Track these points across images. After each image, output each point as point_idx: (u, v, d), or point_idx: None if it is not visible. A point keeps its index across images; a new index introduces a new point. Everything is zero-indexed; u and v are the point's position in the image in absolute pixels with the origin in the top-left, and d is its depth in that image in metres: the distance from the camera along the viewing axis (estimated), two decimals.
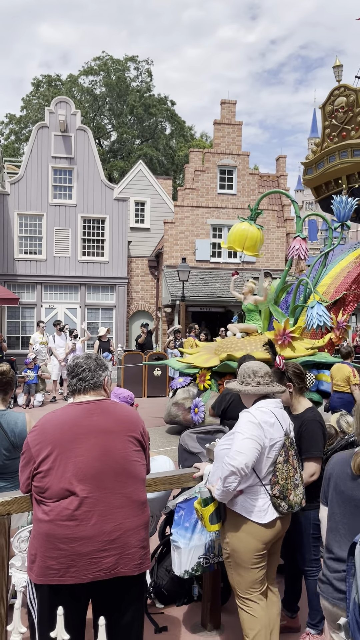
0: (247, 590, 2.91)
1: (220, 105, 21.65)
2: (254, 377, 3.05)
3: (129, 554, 2.42)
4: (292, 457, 2.91)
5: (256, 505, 2.84)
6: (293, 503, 2.88)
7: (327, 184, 11.39)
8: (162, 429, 10.36)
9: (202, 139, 42.29)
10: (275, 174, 25.28)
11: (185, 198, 21.23)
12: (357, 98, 10.20)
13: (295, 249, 8.19)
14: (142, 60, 38.90)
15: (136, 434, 2.60)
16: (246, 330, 8.25)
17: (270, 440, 2.86)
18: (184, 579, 3.95)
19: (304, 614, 3.62)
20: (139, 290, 23.42)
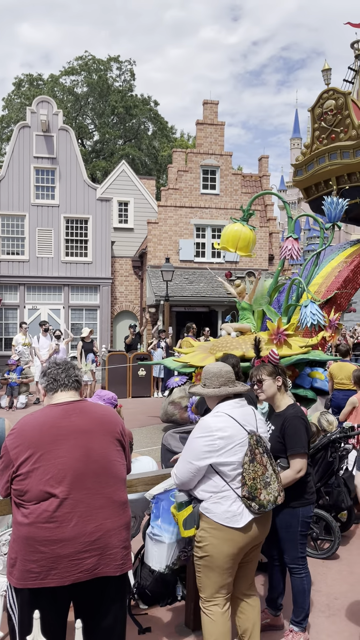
0: (212, 595, 2.87)
1: (203, 105, 21.67)
2: (215, 379, 3.03)
3: (111, 555, 2.40)
4: (260, 454, 2.84)
5: (230, 511, 2.80)
6: (265, 502, 2.81)
7: (317, 185, 11.50)
8: (159, 427, 10.38)
9: (184, 139, 42.31)
10: (258, 174, 25.39)
11: (168, 198, 21.22)
12: (345, 101, 10.34)
13: (287, 250, 8.25)
14: (124, 61, 38.79)
15: (116, 434, 2.59)
16: (240, 329, 8.32)
17: (226, 444, 2.80)
18: (168, 579, 3.95)
19: (287, 612, 3.64)
20: (122, 290, 23.35)
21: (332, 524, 4.69)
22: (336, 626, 3.63)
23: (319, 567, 4.48)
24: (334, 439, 4.95)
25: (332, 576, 4.35)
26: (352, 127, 10.23)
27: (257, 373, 3.51)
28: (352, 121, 10.21)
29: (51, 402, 2.57)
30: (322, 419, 5.54)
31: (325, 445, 4.91)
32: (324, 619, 3.72)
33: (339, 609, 3.85)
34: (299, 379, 7.48)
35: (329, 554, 4.65)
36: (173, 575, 3.98)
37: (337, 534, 4.66)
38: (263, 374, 3.49)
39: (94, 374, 13.71)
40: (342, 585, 4.19)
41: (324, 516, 4.71)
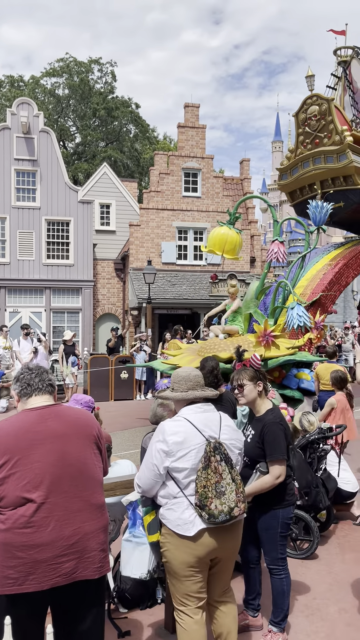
0: (181, 602, 2.83)
1: (184, 108, 21.73)
2: (182, 383, 3.01)
3: (89, 558, 2.40)
4: (217, 462, 2.73)
5: (181, 518, 2.74)
6: (216, 512, 2.67)
7: (302, 189, 11.69)
8: (141, 430, 10.36)
9: (166, 142, 42.36)
10: (240, 177, 25.53)
11: (150, 201, 21.23)
12: (329, 107, 10.54)
13: (274, 253, 8.39)
14: (105, 63, 38.72)
15: (92, 437, 2.59)
16: (229, 331, 8.41)
17: (179, 449, 2.75)
18: (148, 582, 3.95)
19: (266, 613, 3.66)
20: (105, 293, 23.27)
21: (311, 524, 4.73)
22: (314, 626, 3.67)
23: (298, 567, 4.51)
24: (312, 439, 5.00)
25: (311, 576, 4.39)
26: (336, 132, 10.43)
27: (238, 377, 3.51)
28: (336, 127, 10.42)
29: (26, 407, 2.57)
30: (304, 419, 5.60)
31: (304, 446, 4.96)
32: (302, 619, 3.75)
33: (318, 609, 3.89)
34: (286, 379, 7.57)
35: (308, 554, 4.69)
36: (153, 579, 3.99)
37: (316, 534, 4.71)
38: (244, 378, 3.49)
39: (75, 377, 13.65)
40: (321, 585, 4.24)
41: (303, 517, 4.75)
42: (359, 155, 10.53)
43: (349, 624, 3.68)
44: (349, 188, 10.68)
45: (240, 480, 2.82)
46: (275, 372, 7.47)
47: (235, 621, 3.00)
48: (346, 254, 11.02)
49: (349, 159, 10.28)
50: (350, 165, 10.32)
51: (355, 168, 10.36)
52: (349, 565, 4.58)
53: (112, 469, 4.30)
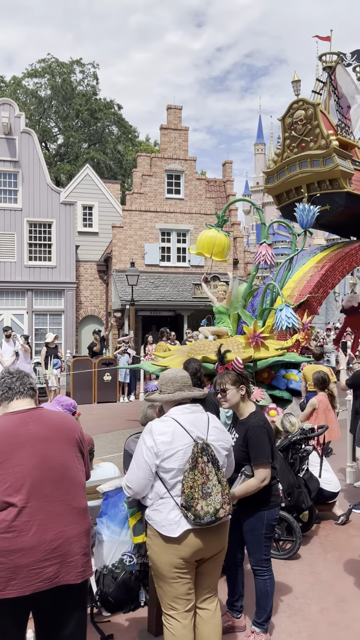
0: (168, 605, 2.82)
1: (167, 110, 21.76)
2: (169, 384, 3.01)
3: (71, 562, 2.38)
4: (204, 463, 2.73)
5: (167, 519, 2.74)
6: (202, 513, 2.67)
7: (288, 192, 11.83)
8: (124, 432, 10.33)
9: (149, 144, 42.35)
10: (222, 179, 25.63)
11: (133, 202, 21.20)
12: (315, 112, 10.73)
13: (261, 255, 8.49)
14: (87, 64, 38.60)
15: (74, 440, 2.58)
16: (217, 332, 8.47)
17: (167, 449, 2.75)
18: (131, 585, 3.94)
19: (249, 613, 3.68)
20: (88, 295, 23.17)
21: (294, 524, 4.77)
22: (297, 626, 3.69)
23: (281, 567, 4.54)
24: (294, 440, 5.04)
25: (294, 576, 4.42)
26: (322, 136, 10.61)
27: (221, 382, 3.51)
28: (322, 131, 10.61)
29: (7, 411, 2.55)
30: (285, 420, 5.64)
31: (286, 447, 4.99)
32: (285, 619, 3.78)
33: (300, 609, 3.91)
34: (275, 380, 7.67)
35: (291, 554, 4.72)
36: (136, 582, 3.98)
37: (298, 534, 4.74)
38: (227, 383, 3.49)
39: (58, 380, 13.56)
40: (303, 585, 4.27)
41: (286, 517, 4.78)
42: (344, 159, 10.74)
43: (331, 623, 3.71)
44: (335, 191, 10.85)
45: (226, 482, 2.83)
46: (264, 372, 7.56)
47: (216, 629, 2.94)
48: (332, 256, 11.19)
49: (335, 162, 10.47)
50: (336, 169, 10.51)
51: (341, 172, 10.55)
52: (330, 565, 4.63)
53: (94, 472, 4.29)
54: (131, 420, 11.36)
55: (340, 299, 32.20)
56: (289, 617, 3.81)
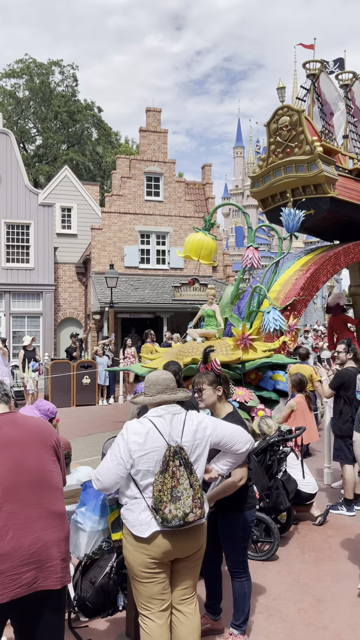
0: (142, 605, 2.83)
1: (146, 112, 21.76)
2: (152, 387, 3.02)
3: (50, 567, 2.35)
4: (176, 467, 2.72)
5: (138, 519, 2.75)
6: (170, 517, 2.67)
7: (273, 197, 12.06)
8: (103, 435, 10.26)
9: (128, 145, 42.29)
10: (201, 182, 25.71)
11: (112, 204, 21.13)
12: (299, 118, 10.98)
13: (249, 258, 8.64)
14: (66, 65, 38.39)
15: (51, 444, 2.56)
16: (205, 335, 8.59)
17: (139, 450, 2.75)
18: (109, 590, 3.92)
19: (227, 616, 3.68)
20: (66, 297, 23.01)
21: (272, 526, 4.79)
22: (274, 626, 3.71)
23: (259, 568, 4.56)
24: (272, 442, 5.07)
25: (271, 577, 4.44)
26: (306, 142, 10.85)
27: (199, 381, 3.52)
28: (306, 137, 10.86)
29: None
30: (262, 423, 5.66)
31: (264, 448, 5.02)
32: (262, 620, 3.79)
33: (277, 610, 3.93)
34: (262, 381, 7.76)
35: (269, 555, 4.74)
36: (114, 586, 3.96)
37: (276, 535, 4.77)
38: (204, 383, 3.49)
39: (36, 383, 13.43)
40: (281, 586, 4.29)
41: (264, 519, 4.80)
42: (328, 164, 11.00)
43: (308, 624, 3.74)
44: (319, 196, 11.10)
45: (199, 485, 2.80)
46: (252, 374, 7.66)
47: (193, 634, 2.92)
48: (317, 260, 11.46)
49: (320, 168, 10.72)
50: (320, 175, 10.77)
51: (326, 177, 10.81)
52: (308, 565, 4.66)
53: (72, 475, 4.26)
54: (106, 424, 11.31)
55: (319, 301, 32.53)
56: (266, 618, 3.82)
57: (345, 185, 11.71)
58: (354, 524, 5.62)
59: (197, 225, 22.40)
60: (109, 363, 14.73)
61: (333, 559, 4.78)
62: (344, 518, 5.77)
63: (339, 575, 4.45)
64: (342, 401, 6.00)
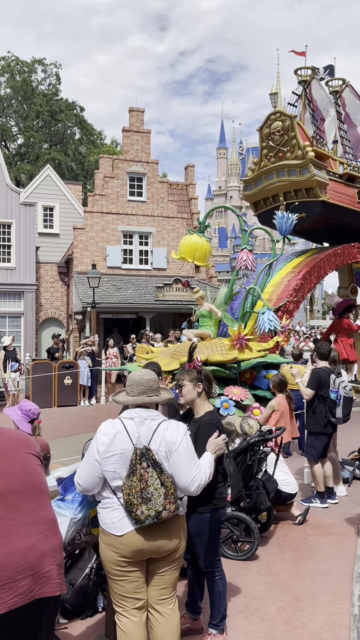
0: (118, 603, 2.85)
1: (129, 112, 21.73)
2: (134, 387, 3.02)
3: (47, 573, 2.27)
4: (143, 469, 2.72)
5: (110, 517, 2.79)
6: (142, 517, 2.70)
7: (265, 200, 12.31)
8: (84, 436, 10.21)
9: (112, 145, 42.15)
10: (185, 183, 25.75)
11: (95, 204, 21.05)
12: (291, 123, 11.25)
13: (243, 260, 8.86)
14: (50, 64, 38.14)
15: (35, 451, 2.53)
16: (201, 335, 8.69)
17: (106, 451, 2.77)
18: (89, 591, 3.90)
19: (207, 616, 3.69)
20: (48, 297, 22.85)
21: (252, 525, 4.81)
22: (254, 626, 3.73)
23: (239, 568, 4.58)
24: (253, 442, 5.09)
25: (251, 577, 4.46)
26: (298, 147, 11.11)
27: (180, 377, 3.55)
28: (298, 142, 11.12)
29: None
30: (244, 423, 5.69)
31: (244, 448, 5.04)
32: (242, 620, 3.81)
33: (257, 609, 3.95)
34: (257, 380, 7.92)
35: (249, 555, 4.77)
36: (94, 587, 3.95)
37: (256, 535, 4.79)
38: (185, 379, 3.52)
39: (17, 384, 13.31)
40: (261, 585, 4.32)
41: (244, 518, 4.83)
42: (320, 169, 11.26)
43: (287, 623, 3.77)
44: (311, 200, 11.36)
45: (171, 482, 2.79)
46: (246, 373, 7.78)
47: (172, 635, 2.91)
48: (308, 262, 11.71)
49: (312, 172, 10.97)
50: (312, 179, 11.02)
51: (317, 181, 11.05)
52: (287, 565, 4.69)
53: (51, 477, 4.23)
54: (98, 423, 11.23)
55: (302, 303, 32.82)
56: (246, 617, 3.84)
57: (336, 189, 12.05)
58: (334, 522, 5.68)
59: (180, 225, 22.43)
60: (89, 363, 14.66)
61: (312, 557, 4.83)
62: (323, 518, 5.83)
63: (317, 574, 4.50)
64: (316, 399, 6.13)
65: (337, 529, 5.50)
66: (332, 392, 6.04)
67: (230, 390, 7.49)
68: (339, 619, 3.79)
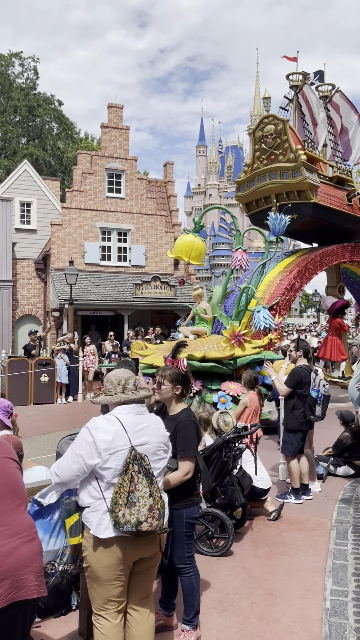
0: (100, 606, 2.81)
1: (108, 108, 21.60)
2: (112, 386, 3.01)
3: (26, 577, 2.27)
4: (134, 472, 2.69)
5: (100, 520, 2.73)
6: (122, 521, 2.63)
7: (257, 201, 12.64)
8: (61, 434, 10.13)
9: (90, 141, 41.84)
10: (164, 180, 25.71)
11: (73, 200, 20.88)
12: (284, 127, 11.63)
13: (237, 260, 9.23)
14: (27, 57, 37.67)
15: (10, 454, 2.51)
16: (197, 332, 8.98)
17: (108, 448, 2.73)
18: (62, 589, 3.89)
19: (180, 612, 3.71)
20: (25, 293, 22.61)
21: (227, 522, 4.85)
22: (227, 621, 3.76)
23: (214, 564, 4.61)
24: (228, 439, 5.12)
25: (226, 572, 4.49)
26: (290, 150, 11.47)
27: (161, 375, 3.55)
28: (290, 145, 11.48)
29: None
30: (220, 419, 5.73)
31: (219, 445, 5.07)
32: (215, 615, 3.83)
33: (231, 604, 3.99)
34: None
35: (224, 551, 4.80)
36: (68, 585, 3.93)
37: (231, 531, 4.83)
38: (165, 378, 3.53)
39: None
40: (235, 581, 4.35)
41: (219, 515, 4.86)
42: (311, 172, 11.61)
43: (260, 617, 3.81)
44: (302, 202, 11.70)
45: (160, 497, 2.75)
46: (241, 369, 7.99)
47: (148, 633, 2.94)
48: (299, 262, 12.05)
49: (304, 175, 11.33)
50: (304, 181, 11.39)
51: (309, 184, 11.42)
52: (261, 560, 4.74)
53: (25, 475, 4.20)
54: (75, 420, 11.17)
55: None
56: (219, 613, 3.87)
57: (326, 192, 12.47)
58: (307, 518, 5.75)
59: (159, 222, 22.40)
60: (66, 361, 14.56)
61: (286, 553, 4.88)
62: (297, 513, 5.90)
63: (291, 569, 4.55)
64: (295, 397, 6.20)
65: (310, 524, 5.57)
66: (314, 391, 6.14)
67: (227, 386, 7.86)
68: (311, 613, 3.84)
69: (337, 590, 4.12)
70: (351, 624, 3.64)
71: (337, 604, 3.93)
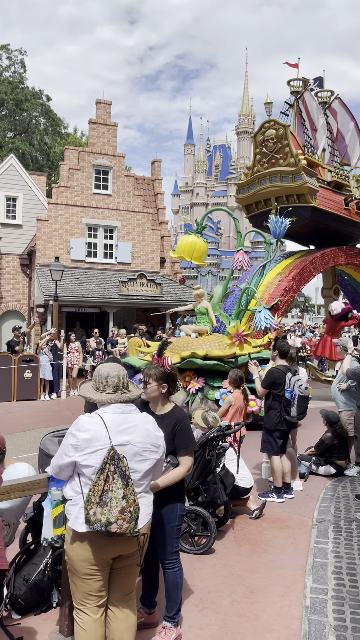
0: (80, 601, 2.82)
1: (96, 105, 21.49)
2: (109, 384, 2.97)
3: None
4: (110, 472, 2.66)
5: (76, 512, 2.76)
6: (92, 519, 2.61)
7: (257, 204, 12.90)
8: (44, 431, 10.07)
9: (77, 137, 41.57)
10: (151, 177, 25.66)
11: (59, 196, 20.75)
12: (285, 132, 11.87)
13: (238, 261, 9.49)
14: (14, 50, 37.28)
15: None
16: (198, 331, 9.20)
17: (87, 446, 2.73)
18: (43, 587, 3.87)
19: (161, 610, 3.71)
20: (9, 289, 22.42)
21: (209, 520, 4.86)
22: (208, 619, 3.78)
23: (195, 562, 4.62)
24: (211, 437, 5.14)
25: (207, 570, 4.51)
26: (291, 155, 11.71)
27: (147, 374, 3.55)
28: (291, 150, 11.72)
29: None
30: (209, 416, 5.73)
31: (203, 443, 5.08)
32: (196, 613, 3.85)
33: (212, 602, 4.00)
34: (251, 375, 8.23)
35: (205, 549, 4.82)
36: (49, 582, 3.91)
37: (213, 529, 4.85)
38: (151, 377, 3.52)
39: None
40: (216, 578, 4.37)
41: (202, 513, 4.87)
42: (311, 176, 11.85)
43: (240, 615, 3.83)
44: (302, 205, 11.92)
45: (134, 500, 2.69)
46: (242, 367, 8.16)
47: (129, 630, 2.94)
48: (298, 264, 12.25)
49: (303, 179, 11.57)
50: (304, 185, 11.62)
51: (309, 188, 11.65)
52: (243, 558, 4.77)
53: (7, 471, 4.16)
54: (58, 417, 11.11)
55: None
56: (200, 610, 3.88)
57: (325, 196, 12.78)
58: (289, 517, 5.79)
59: (146, 220, 22.36)
60: (50, 357, 14.48)
61: (267, 551, 4.92)
62: (279, 512, 5.94)
63: (271, 567, 4.58)
64: (271, 398, 6.24)
65: (292, 522, 5.62)
66: (287, 392, 6.13)
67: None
68: (291, 611, 3.88)
69: (317, 588, 4.16)
70: (330, 621, 3.68)
71: (317, 601, 3.97)
